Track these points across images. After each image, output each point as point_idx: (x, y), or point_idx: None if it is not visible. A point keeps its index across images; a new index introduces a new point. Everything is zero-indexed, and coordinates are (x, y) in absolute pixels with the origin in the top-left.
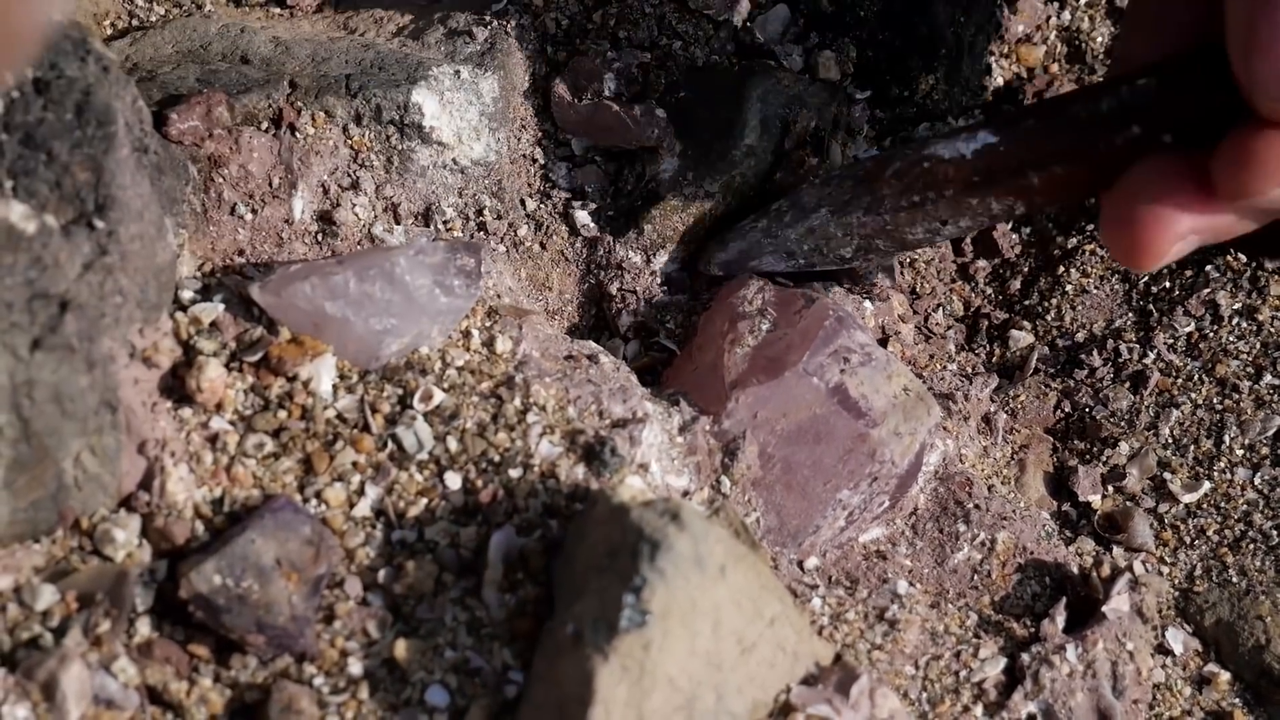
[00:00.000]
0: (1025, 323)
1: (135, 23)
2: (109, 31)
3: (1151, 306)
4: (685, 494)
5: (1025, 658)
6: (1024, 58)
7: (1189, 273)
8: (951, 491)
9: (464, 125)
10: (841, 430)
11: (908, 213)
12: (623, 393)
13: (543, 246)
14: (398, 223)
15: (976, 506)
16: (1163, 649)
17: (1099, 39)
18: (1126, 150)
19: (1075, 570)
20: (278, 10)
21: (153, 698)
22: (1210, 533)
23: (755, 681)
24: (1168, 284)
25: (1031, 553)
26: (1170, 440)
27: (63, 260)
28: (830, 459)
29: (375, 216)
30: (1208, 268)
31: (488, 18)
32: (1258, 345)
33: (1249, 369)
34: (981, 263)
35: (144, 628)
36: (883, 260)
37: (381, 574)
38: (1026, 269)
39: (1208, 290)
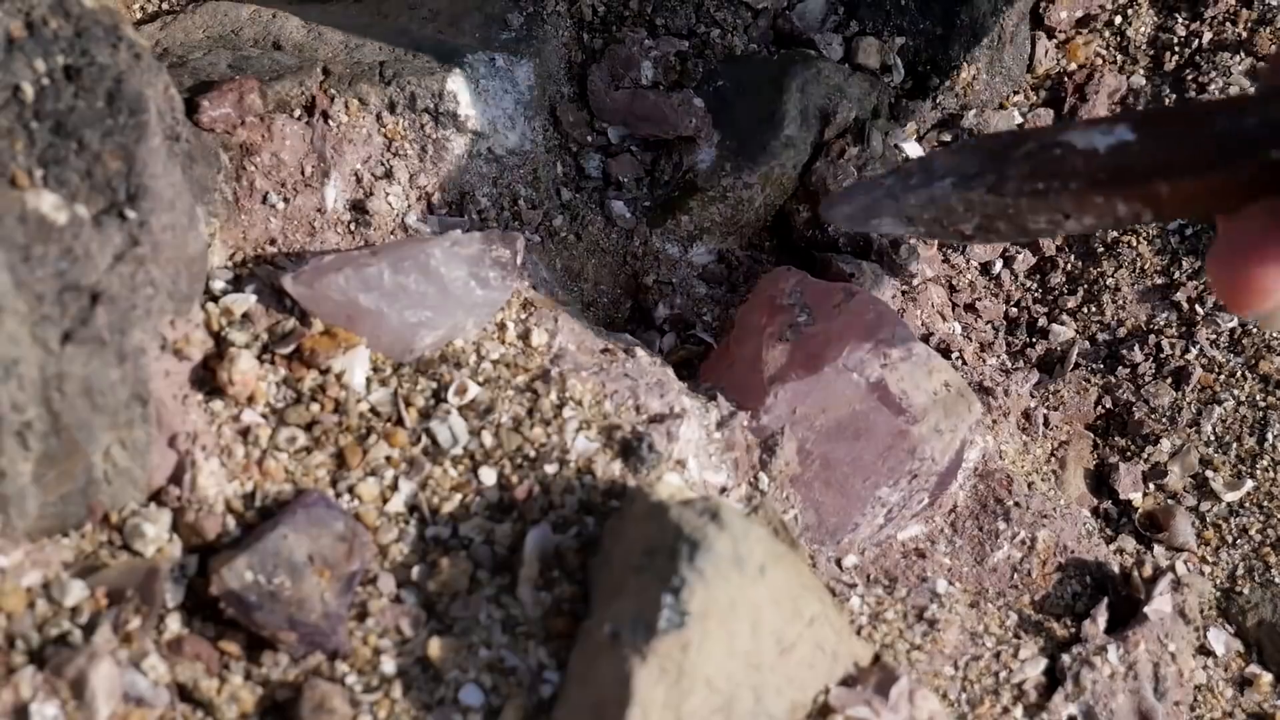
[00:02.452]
0: (1066, 317)
1: (165, 7)
2: (138, 16)
3: (1194, 302)
4: (723, 491)
5: (1066, 659)
6: (1067, 47)
7: None
8: (991, 489)
9: (499, 113)
10: (881, 426)
11: (1030, 199)
12: (660, 387)
13: (578, 237)
14: (431, 212)
15: (1016, 504)
16: (1204, 650)
17: (1143, 28)
18: (1265, 176)
19: (1116, 570)
20: None
21: (183, 695)
22: (1253, 532)
23: (794, 682)
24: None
25: (1072, 551)
26: (1212, 437)
27: (94, 251)
28: (870, 455)
29: (409, 206)
30: None
31: (524, 4)
32: None
33: None
34: (1023, 256)
35: (174, 624)
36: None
37: (415, 571)
38: (1067, 263)
39: None
